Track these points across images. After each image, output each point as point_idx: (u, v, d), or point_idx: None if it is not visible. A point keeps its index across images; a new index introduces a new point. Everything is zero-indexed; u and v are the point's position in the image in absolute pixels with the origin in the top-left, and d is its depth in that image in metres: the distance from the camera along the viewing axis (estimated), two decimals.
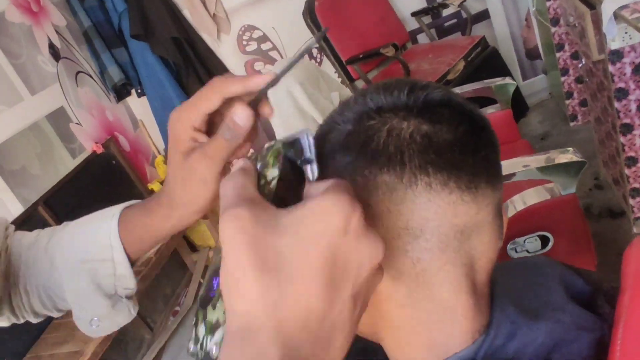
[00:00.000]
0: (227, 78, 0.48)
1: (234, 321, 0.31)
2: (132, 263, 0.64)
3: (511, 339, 0.43)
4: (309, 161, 0.37)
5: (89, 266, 0.62)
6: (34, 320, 0.69)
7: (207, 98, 0.48)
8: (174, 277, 2.88)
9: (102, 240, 0.62)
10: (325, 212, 0.32)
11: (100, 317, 0.64)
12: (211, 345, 0.33)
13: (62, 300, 0.66)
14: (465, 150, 0.39)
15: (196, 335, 0.35)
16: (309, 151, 0.37)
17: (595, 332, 0.45)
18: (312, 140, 0.37)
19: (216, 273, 0.34)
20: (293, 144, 0.37)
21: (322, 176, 0.38)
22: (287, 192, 0.35)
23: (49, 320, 2.08)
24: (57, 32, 2.66)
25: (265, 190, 0.35)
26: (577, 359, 0.43)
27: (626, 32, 1.52)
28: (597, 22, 1.58)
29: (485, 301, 0.45)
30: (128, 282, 0.64)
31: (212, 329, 0.34)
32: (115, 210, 0.64)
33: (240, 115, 0.47)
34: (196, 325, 0.35)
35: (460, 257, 0.41)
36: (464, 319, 0.43)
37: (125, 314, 0.66)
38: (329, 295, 0.31)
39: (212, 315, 0.34)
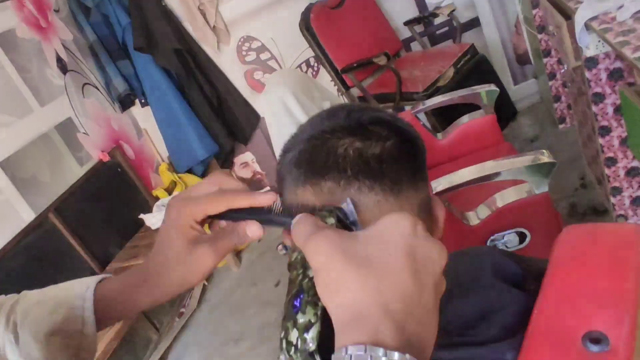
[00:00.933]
0: (236, 192, 0.54)
1: (343, 313, 0.36)
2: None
3: (442, 311, 0.53)
4: (354, 224, 0.46)
5: (57, 339, 0.61)
6: None
7: (215, 205, 0.54)
8: None
9: (74, 312, 0.62)
10: (397, 221, 0.40)
11: None
12: (308, 341, 0.38)
13: None
14: (389, 160, 0.50)
15: (288, 342, 0.39)
16: (352, 217, 0.47)
17: (520, 305, 0.55)
18: (352, 208, 0.46)
19: (294, 296, 0.41)
20: (339, 209, 0.46)
21: (281, 186, 0.51)
22: None
23: None
24: (64, 46, 2.77)
25: None
26: (500, 326, 0.53)
27: (599, 41, 1.62)
28: (573, 32, 1.68)
29: None
30: (90, 355, 0.64)
31: (305, 328, 0.39)
32: (90, 283, 0.64)
33: (254, 232, 0.54)
34: (286, 336, 0.39)
35: None
36: None
37: None
38: (418, 283, 0.37)
39: (303, 319, 0.39)
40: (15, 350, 0.61)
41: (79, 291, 0.62)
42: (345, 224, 0.46)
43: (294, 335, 0.39)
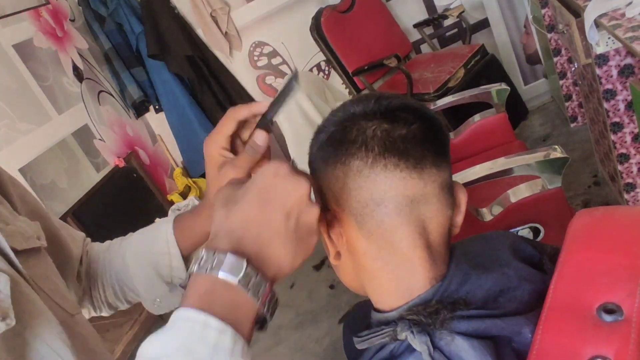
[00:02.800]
0: (237, 107, 0.69)
1: (211, 235, 0.51)
2: (185, 258, 0.79)
3: (463, 285, 0.56)
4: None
5: (151, 258, 0.78)
6: (107, 313, 0.85)
7: (226, 124, 0.69)
8: None
9: (161, 238, 0.78)
10: (265, 167, 0.52)
11: (161, 298, 0.80)
12: None
13: (130, 290, 0.81)
14: (414, 141, 0.54)
15: None
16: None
17: (536, 284, 0.58)
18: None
19: None
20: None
21: (314, 164, 0.58)
22: None
23: None
24: (80, 55, 2.83)
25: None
26: (518, 301, 0.55)
27: (609, 38, 1.63)
28: (583, 29, 1.69)
29: (441, 258, 0.59)
30: (181, 273, 0.79)
31: None
32: (170, 216, 0.81)
33: (259, 137, 0.67)
34: None
35: (413, 220, 0.55)
36: (421, 269, 0.57)
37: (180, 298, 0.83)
38: (261, 210, 0.49)
39: None
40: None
41: (160, 249, 0.78)
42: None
43: None
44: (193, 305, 0.45)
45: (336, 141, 0.56)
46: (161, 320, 2.60)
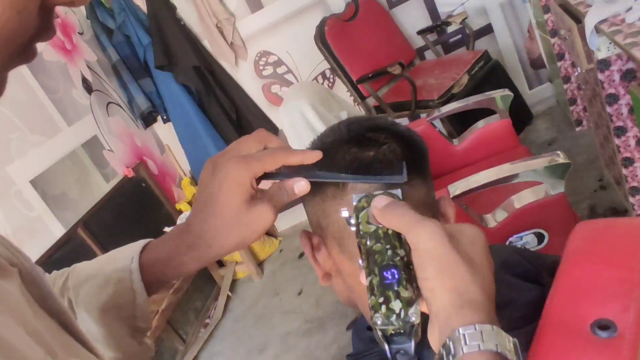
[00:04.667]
0: (288, 149, 0.58)
1: (455, 298, 0.43)
2: (147, 288, 0.64)
3: None
4: None
5: (111, 313, 0.62)
6: None
7: (273, 161, 0.56)
8: (203, 291, 3.04)
9: (123, 284, 0.62)
10: (475, 230, 0.48)
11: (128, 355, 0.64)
12: (411, 314, 0.44)
13: None
14: (384, 161, 0.55)
15: (389, 309, 0.44)
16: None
17: (531, 297, 0.58)
18: (400, 194, 0.52)
19: (385, 268, 0.46)
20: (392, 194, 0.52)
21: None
22: None
23: None
24: (88, 67, 2.88)
25: None
26: (508, 319, 0.55)
27: (610, 43, 1.64)
28: (584, 35, 1.70)
29: None
30: (146, 322, 0.66)
31: (408, 303, 0.45)
32: (133, 253, 0.64)
33: (301, 188, 0.57)
34: (387, 303, 0.45)
35: None
36: None
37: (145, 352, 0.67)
38: (492, 277, 0.46)
39: (405, 294, 0.45)
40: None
41: (123, 265, 0.62)
42: None
43: (396, 305, 0.44)
44: None
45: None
46: (170, 326, 2.62)
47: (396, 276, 0.45)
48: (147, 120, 3.17)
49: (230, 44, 3.03)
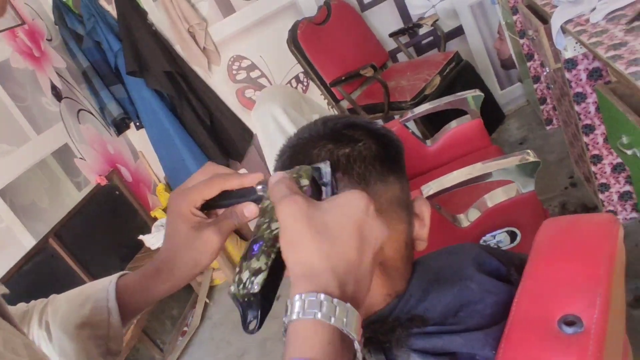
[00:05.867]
0: (226, 175, 0.60)
1: (298, 269, 0.44)
2: (123, 322, 0.68)
3: (422, 301, 0.57)
4: (325, 184, 0.53)
5: (86, 331, 0.66)
6: None
7: (209, 188, 0.60)
8: (180, 298, 3.00)
9: (100, 303, 0.67)
10: (355, 198, 0.46)
11: None
12: (255, 283, 0.45)
13: None
14: (358, 158, 0.56)
15: (239, 279, 0.46)
16: (326, 178, 0.53)
17: (500, 295, 0.58)
18: (329, 170, 0.53)
19: (256, 240, 0.47)
20: (317, 169, 0.53)
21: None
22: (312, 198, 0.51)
23: None
24: (58, 74, 2.83)
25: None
26: (480, 315, 0.56)
27: (576, 42, 1.68)
28: (551, 35, 1.73)
29: (398, 273, 0.60)
30: (118, 344, 0.69)
31: (255, 272, 0.45)
32: (111, 278, 0.70)
33: (250, 211, 0.59)
34: (240, 272, 0.46)
35: None
36: (374, 285, 0.57)
37: None
38: (360, 252, 0.45)
39: (256, 264, 0.46)
40: (49, 346, 0.67)
41: (102, 285, 0.68)
42: (318, 184, 0.53)
43: (245, 275, 0.46)
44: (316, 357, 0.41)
45: (287, 165, 0.58)
46: (147, 336, 2.58)
47: (258, 248, 0.47)
48: (120, 127, 3.12)
49: (202, 49, 3.01)
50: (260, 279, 0.45)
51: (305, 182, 0.51)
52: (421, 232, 0.62)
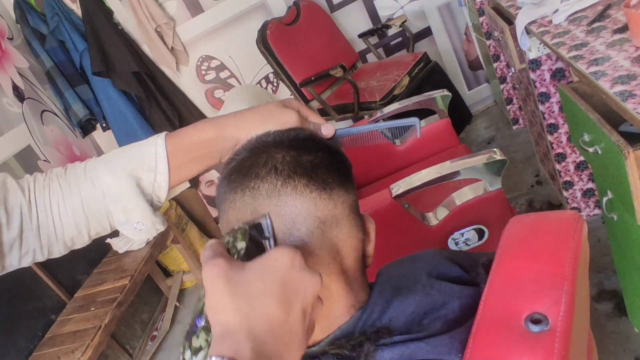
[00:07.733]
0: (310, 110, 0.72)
1: (217, 329, 0.44)
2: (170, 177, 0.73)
3: (385, 312, 0.57)
4: (267, 238, 0.53)
5: (135, 173, 0.71)
6: (58, 254, 0.75)
7: (300, 114, 0.69)
8: (150, 302, 2.95)
9: (149, 152, 0.72)
10: (277, 255, 0.47)
11: (144, 220, 0.73)
12: None
13: (100, 219, 0.72)
14: (320, 165, 0.56)
15: (184, 359, 0.46)
16: (268, 231, 0.52)
17: (463, 299, 0.59)
18: (269, 223, 0.53)
19: (197, 315, 0.47)
20: (256, 226, 0.52)
21: (227, 190, 0.57)
22: (251, 258, 0.50)
23: (43, 332, 2.15)
24: (20, 74, 2.74)
25: (235, 257, 0.50)
26: (444, 320, 0.56)
27: (540, 43, 1.72)
28: (515, 36, 1.77)
29: (358, 284, 0.60)
30: (162, 194, 0.74)
31: (196, 351, 0.46)
32: (161, 134, 0.75)
33: (328, 131, 0.70)
34: (183, 352, 0.46)
35: (326, 243, 0.56)
36: (338, 297, 0.58)
37: (161, 222, 0.76)
38: (284, 309, 0.44)
39: (196, 343, 0.46)
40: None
41: (149, 141, 0.73)
42: (258, 241, 0.52)
43: (187, 354, 0.46)
44: None
45: (245, 167, 0.56)
46: (115, 341, 2.53)
47: (198, 324, 0.47)
48: (86, 128, 3.06)
49: (170, 48, 2.97)
50: (201, 357, 0.45)
51: (241, 244, 0.50)
52: (368, 249, 0.62)
